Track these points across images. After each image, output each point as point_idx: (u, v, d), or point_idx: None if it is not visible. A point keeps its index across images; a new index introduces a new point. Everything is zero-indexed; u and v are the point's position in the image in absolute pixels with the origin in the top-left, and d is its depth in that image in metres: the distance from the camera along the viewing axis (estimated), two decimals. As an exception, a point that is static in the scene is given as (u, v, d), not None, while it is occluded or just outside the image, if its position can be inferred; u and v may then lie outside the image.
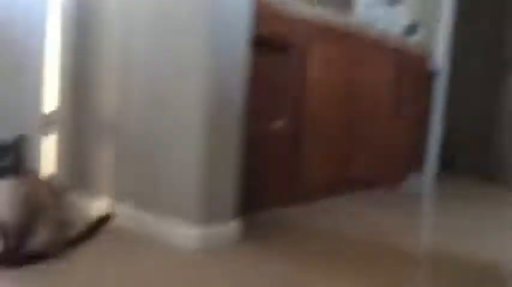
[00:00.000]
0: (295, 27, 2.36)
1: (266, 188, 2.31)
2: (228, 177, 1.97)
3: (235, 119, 1.97)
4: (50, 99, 2.22)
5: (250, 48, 1.99)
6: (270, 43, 2.24)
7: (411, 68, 3.28)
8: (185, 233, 1.88)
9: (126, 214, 2.07)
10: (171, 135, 1.94)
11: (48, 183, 1.72)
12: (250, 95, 2.04)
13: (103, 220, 1.94)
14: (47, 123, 2.19)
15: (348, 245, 2.11)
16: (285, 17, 2.29)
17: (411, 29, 3.78)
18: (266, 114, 2.29)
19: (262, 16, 2.12)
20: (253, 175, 2.19)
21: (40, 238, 1.58)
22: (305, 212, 2.54)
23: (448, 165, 4.37)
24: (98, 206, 2.16)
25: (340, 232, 2.28)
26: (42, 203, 1.60)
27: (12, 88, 1.85)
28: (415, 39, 3.78)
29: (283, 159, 2.39)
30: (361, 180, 3.01)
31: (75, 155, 2.25)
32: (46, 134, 2.20)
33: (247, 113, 2.03)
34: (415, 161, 3.50)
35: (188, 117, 1.89)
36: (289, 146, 2.40)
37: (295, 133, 2.42)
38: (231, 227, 1.99)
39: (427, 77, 3.60)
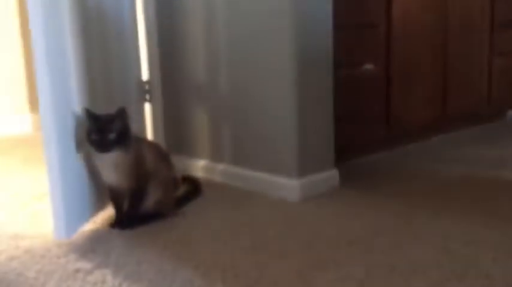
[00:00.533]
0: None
1: (360, 133, 2.29)
2: (322, 126, 1.98)
3: (324, 67, 1.95)
4: (146, 67, 2.32)
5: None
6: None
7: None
8: (284, 185, 1.92)
9: (226, 172, 2.15)
10: (262, 91, 1.96)
11: (154, 147, 1.84)
12: (338, 41, 2.00)
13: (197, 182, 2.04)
14: (145, 90, 2.30)
15: (454, 184, 2.06)
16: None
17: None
18: (354, 58, 2.24)
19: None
20: (347, 120, 2.18)
21: (152, 198, 1.70)
22: (402, 155, 2.50)
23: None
24: (196, 166, 2.27)
25: (443, 171, 2.22)
26: (150, 166, 1.71)
27: (112, 58, 1.95)
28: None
29: (376, 102, 2.34)
30: (458, 118, 2.88)
31: (172, 119, 2.35)
32: (145, 101, 2.31)
33: (338, 59, 2.00)
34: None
35: (277, 70, 1.89)
36: (380, 89, 2.34)
37: (386, 75, 2.35)
38: (329, 176, 2.01)
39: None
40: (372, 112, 2.32)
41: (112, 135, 1.57)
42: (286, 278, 1.28)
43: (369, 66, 2.29)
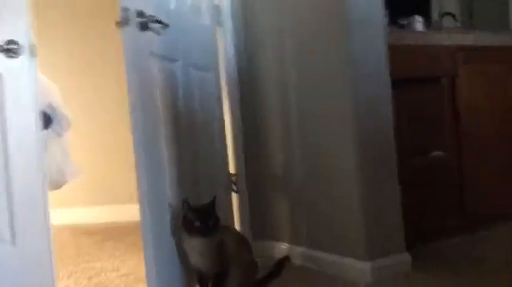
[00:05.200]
0: (440, 56, 2.44)
1: (433, 219, 2.36)
2: (391, 212, 2.11)
3: (389, 156, 2.11)
4: (232, 161, 2.63)
5: (397, 86, 2.13)
6: (418, 77, 2.35)
7: None
8: (358, 268, 2.05)
9: (302, 255, 2.33)
10: (331, 178, 2.17)
11: (234, 233, 2.08)
12: (406, 130, 2.18)
13: (283, 262, 2.21)
14: (232, 182, 2.59)
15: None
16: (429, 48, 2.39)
17: None
18: (424, 146, 2.37)
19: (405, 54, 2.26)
20: (420, 207, 2.28)
21: (234, 280, 1.91)
22: (474, 241, 2.48)
23: None
24: (278, 250, 2.47)
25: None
26: (233, 251, 1.94)
27: (206, 153, 2.27)
28: None
29: (447, 189, 2.41)
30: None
31: (254, 207, 2.60)
32: (232, 191, 2.59)
33: (405, 148, 2.16)
34: None
35: (343, 160, 2.10)
36: (451, 175, 2.42)
37: (456, 161, 2.44)
38: (400, 260, 2.10)
39: None
40: (444, 198, 2.40)
41: (212, 222, 1.84)
42: None
43: (438, 153, 2.40)
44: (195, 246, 1.86)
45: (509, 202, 2.64)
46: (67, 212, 3.89)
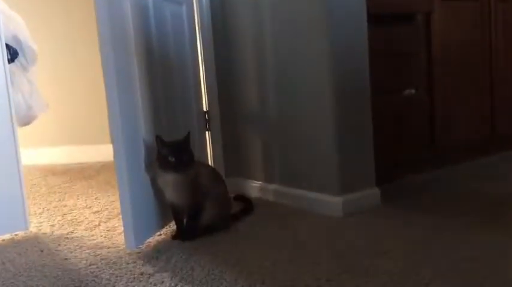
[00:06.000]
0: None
1: (403, 155, 2.42)
2: (363, 147, 2.14)
3: (363, 92, 2.12)
4: (204, 98, 2.60)
5: (372, 21, 2.11)
6: (393, 13, 2.34)
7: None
8: (329, 202, 2.10)
9: (275, 192, 2.37)
10: (305, 116, 2.17)
11: (208, 169, 2.09)
12: (380, 67, 2.18)
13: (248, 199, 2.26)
14: (205, 120, 2.58)
15: (497, 202, 2.12)
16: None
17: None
18: (397, 84, 2.39)
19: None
20: (390, 143, 2.32)
21: (208, 214, 1.94)
22: (445, 176, 2.57)
23: None
24: (251, 188, 2.50)
25: (487, 193, 2.29)
26: (208, 186, 1.95)
27: (180, 90, 2.24)
28: None
29: (419, 125, 2.47)
30: (507, 140, 2.91)
31: (227, 145, 2.61)
32: (206, 130, 2.59)
33: (378, 85, 2.17)
34: None
35: (318, 95, 2.10)
36: (423, 112, 2.47)
37: (428, 99, 2.48)
38: (370, 195, 2.16)
39: None
40: (416, 134, 2.45)
41: (187, 157, 1.84)
42: (317, 281, 1.46)
43: (410, 91, 2.43)
44: (170, 181, 1.87)
45: (477, 136, 2.73)
46: (35, 152, 3.84)
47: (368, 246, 1.73)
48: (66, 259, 1.80)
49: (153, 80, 2.03)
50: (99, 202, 2.57)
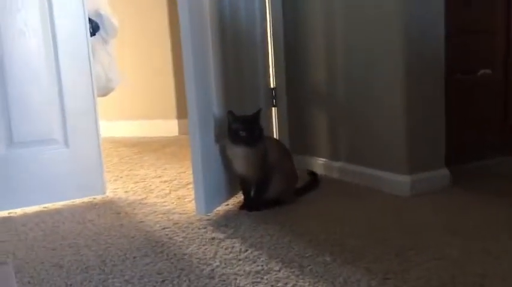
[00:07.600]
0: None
1: (475, 137, 2.36)
2: (435, 127, 2.11)
3: (436, 71, 2.08)
4: (272, 75, 2.64)
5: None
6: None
7: None
8: (396, 181, 2.09)
9: (340, 169, 2.38)
10: (377, 94, 2.16)
11: (277, 144, 2.13)
12: (455, 46, 2.13)
13: (315, 174, 2.28)
14: (272, 96, 2.61)
15: None
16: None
17: None
18: (473, 64, 2.33)
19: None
20: (462, 123, 2.27)
21: (275, 187, 1.99)
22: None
23: None
24: (316, 165, 2.52)
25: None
26: (276, 161, 1.99)
27: (249, 66, 2.29)
28: None
29: (492, 107, 2.39)
30: None
31: (296, 122, 2.63)
32: (272, 106, 2.62)
33: (453, 63, 2.12)
34: None
35: (389, 74, 2.08)
36: (497, 94, 2.39)
37: (504, 80, 2.40)
38: (440, 175, 2.12)
39: None
40: (489, 116, 2.38)
41: (257, 132, 1.89)
42: (386, 256, 1.47)
43: (486, 71, 2.36)
44: (240, 154, 1.92)
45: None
46: (105, 125, 4.02)
47: (437, 224, 1.72)
48: (141, 221, 1.90)
49: (224, 56, 2.08)
50: (168, 173, 2.68)
